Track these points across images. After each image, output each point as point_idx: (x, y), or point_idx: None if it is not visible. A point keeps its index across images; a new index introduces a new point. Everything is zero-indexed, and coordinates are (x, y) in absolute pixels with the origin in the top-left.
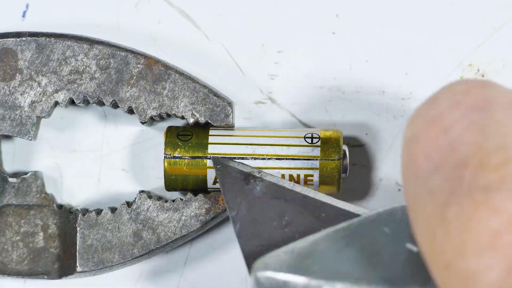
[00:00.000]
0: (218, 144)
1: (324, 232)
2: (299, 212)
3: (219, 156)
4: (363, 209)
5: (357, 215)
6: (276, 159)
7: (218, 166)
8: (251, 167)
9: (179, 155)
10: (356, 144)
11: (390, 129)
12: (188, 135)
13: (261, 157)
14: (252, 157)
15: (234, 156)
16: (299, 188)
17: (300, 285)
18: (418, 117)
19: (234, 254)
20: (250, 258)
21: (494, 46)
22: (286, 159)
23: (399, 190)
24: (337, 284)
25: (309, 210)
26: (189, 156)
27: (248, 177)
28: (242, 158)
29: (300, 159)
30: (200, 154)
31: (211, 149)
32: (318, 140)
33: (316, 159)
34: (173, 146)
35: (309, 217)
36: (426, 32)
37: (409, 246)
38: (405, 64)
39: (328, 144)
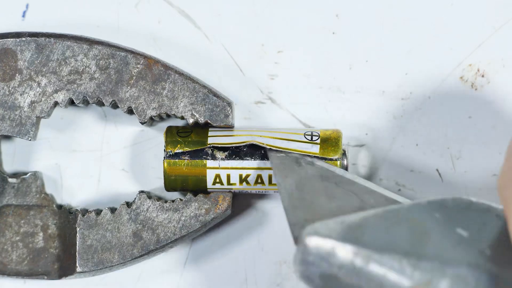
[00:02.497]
0: (218, 137)
1: (374, 211)
2: (347, 195)
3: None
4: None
5: None
6: None
7: (271, 152)
8: (302, 154)
9: (179, 151)
10: (356, 144)
11: (390, 129)
12: (187, 132)
13: None
14: None
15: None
16: (349, 175)
17: (349, 253)
18: None
19: (234, 254)
20: (296, 228)
21: (494, 46)
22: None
23: (399, 190)
24: (386, 255)
25: (357, 194)
26: (189, 151)
27: (299, 160)
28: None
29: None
30: (200, 147)
31: (211, 140)
32: (318, 139)
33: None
34: (173, 143)
35: (357, 200)
36: (426, 32)
37: (459, 230)
38: (405, 64)
39: (327, 144)
